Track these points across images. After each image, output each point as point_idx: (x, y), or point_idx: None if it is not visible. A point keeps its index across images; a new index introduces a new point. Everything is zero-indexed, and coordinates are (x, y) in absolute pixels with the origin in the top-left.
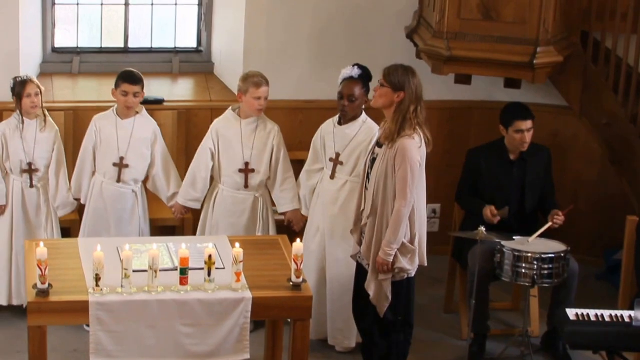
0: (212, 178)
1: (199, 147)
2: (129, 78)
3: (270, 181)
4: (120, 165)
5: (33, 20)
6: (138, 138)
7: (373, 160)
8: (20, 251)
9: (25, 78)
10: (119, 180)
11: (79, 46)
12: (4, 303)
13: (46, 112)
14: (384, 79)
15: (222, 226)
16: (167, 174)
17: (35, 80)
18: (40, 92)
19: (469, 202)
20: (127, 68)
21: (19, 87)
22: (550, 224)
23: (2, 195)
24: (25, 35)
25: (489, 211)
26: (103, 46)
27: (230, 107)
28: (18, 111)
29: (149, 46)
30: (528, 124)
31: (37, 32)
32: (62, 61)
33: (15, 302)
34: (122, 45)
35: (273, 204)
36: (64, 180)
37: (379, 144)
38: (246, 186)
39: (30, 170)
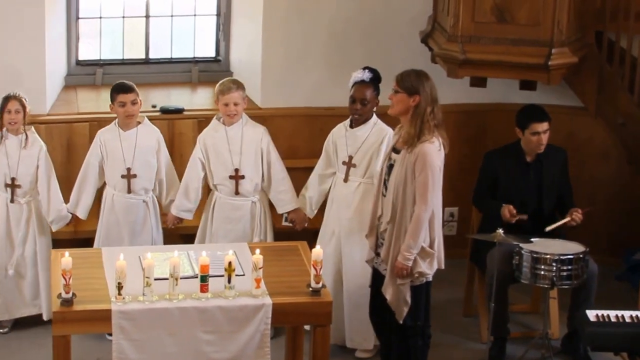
0: (208, 187)
1: (190, 158)
2: (122, 89)
3: (265, 184)
4: (128, 176)
5: (58, 35)
6: (142, 147)
7: (390, 167)
8: (1, 265)
9: (10, 95)
10: (129, 191)
11: (102, 58)
12: None
13: (32, 130)
14: (398, 85)
15: (220, 233)
16: (170, 181)
17: (22, 97)
18: (24, 110)
19: (486, 204)
20: (119, 81)
21: (2, 103)
22: (568, 218)
23: None
24: (51, 49)
25: (507, 210)
26: (125, 58)
27: (215, 116)
28: (1, 127)
29: (169, 57)
30: (544, 125)
31: (62, 46)
32: (86, 73)
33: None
34: (143, 56)
35: (270, 209)
36: (55, 194)
37: (395, 150)
38: (237, 192)
39: (13, 185)
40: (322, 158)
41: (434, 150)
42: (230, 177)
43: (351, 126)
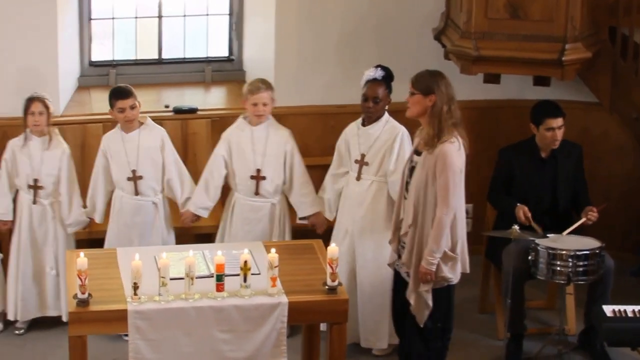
0: (229, 186)
1: (212, 155)
2: (120, 94)
3: (286, 187)
4: (134, 177)
5: (70, 36)
6: (146, 148)
7: (411, 169)
8: (27, 266)
9: (33, 96)
10: (137, 193)
11: (115, 59)
12: (12, 318)
13: (56, 131)
14: (413, 86)
15: (239, 234)
16: (181, 178)
17: (45, 99)
18: (48, 111)
19: (500, 201)
20: (116, 85)
21: (26, 104)
22: (584, 219)
23: (8, 211)
24: (63, 51)
25: (522, 212)
26: (138, 58)
27: (241, 115)
28: (25, 128)
29: (182, 56)
30: (559, 121)
31: (75, 47)
32: (99, 74)
33: (19, 318)
34: (156, 56)
35: (289, 211)
36: (77, 198)
37: (417, 152)
38: (257, 193)
39: (35, 186)
40: (334, 158)
41: (454, 151)
42: (252, 177)
43: (363, 124)
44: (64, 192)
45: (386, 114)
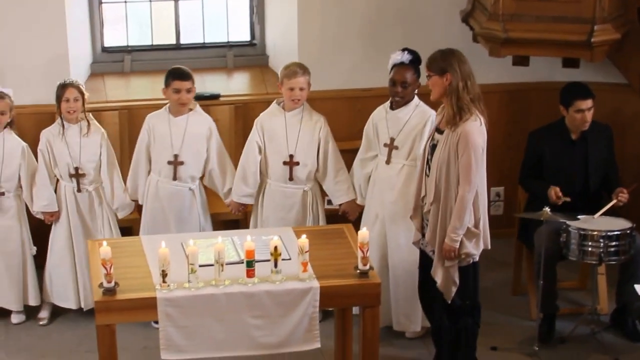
0: (261, 173)
1: (247, 142)
2: (180, 75)
3: (320, 174)
4: (175, 162)
5: (80, 21)
6: (192, 134)
7: (433, 147)
8: (82, 256)
9: (66, 82)
10: (175, 178)
11: (130, 44)
12: (73, 307)
13: (90, 117)
14: (428, 69)
15: (272, 221)
16: (223, 169)
17: (79, 84)
18: (83, 97)
19: (532, 184)
20: (176, 65)
21: (59, 91)
22: (614, 201)
23: (52, 202)
24: (73, 37)
25: (554, 192)
26: (154, 43)
27: (275, 100)
28: (59, 116)
29: (202, 41)
30: (588, 103)
31: (85, 33)
32: (113, 60)
33: (83, 306)
34: (173, 41)
35: (322, 197)
36: (119, 181)
37: (438, 130)
38: (291, 179)
39: (77, 174)
40: (363, 142)
41: (476, 129)
42: (285, 163)
43: (392, 108)
44: (105, 177)
45: (416, 98)
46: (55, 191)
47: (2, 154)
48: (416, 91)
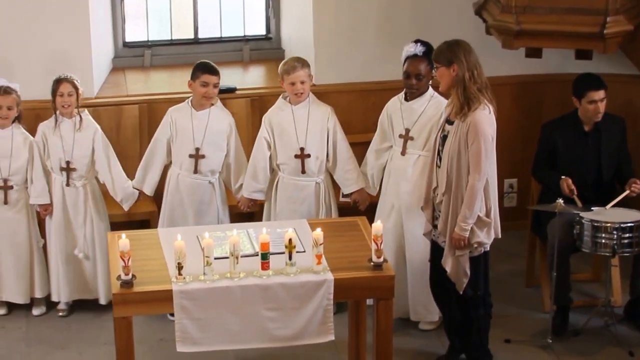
0: (271, 168)
1: (256, 139)
2: (209, 69)
3: (330, 164)
4: (197, 156)
5: (103, 17)
6: (214, 129)
7: (444, 138)
8: (61, 248)
9: (61, 77)
10: (195, 172)
11: (150, 39)
12: (56, 299)
13: (86, 112)
14: (435, 61)
15: (285, 214)
16: (239, 166)
17: (74, 79)
18: (77, 92)
19: (545, 176)
20: (202, 60)
21: (54, 85)
22: (627, 192)
23: (45, 193)
24: (96, 32)
25: (566, 184)
26: (173, 38)
27: (282, 95)
28: (54, 110)
29: (219, 36)
30: (601, 94)
31: (108, 29)
32: (134, 55)
33: (62, 299)
34: (192, 36)
35: (334, 189)
36: (118, 173)
37: (449, 121)
38: (303, 172)
39: (68, 168)
40: (377, 133)
41: (485, 118)
42: (296, 156)
43: (406, 99)
44: (103, 170)
45: (430, 89)
46: (49, 184)
47: (10, 148)
48: (430, 82)
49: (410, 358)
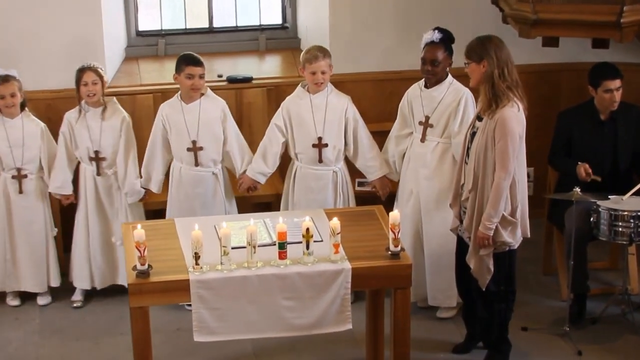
0: (289, 156)
1: (269, 124)
2: (192, 60)
3: (352, 153)
4: (195, 148)
5: (116, 6)
6: (207, 119)
7: (473, 134)
8: (96, 237)
9: (84, 66)
10: (196, 164)
11: (164, 28)
12: (88, 287)
13: (114, 100)
14: (466, 56)
15: (302, 203)
16: (241, 149)
17: (97, 67)
18: (102, 80)
19: (561, 163)
20: (187, 52)
21: (77, 74)
22: None
23: (66, 184)
24: (108, 21)
25: (583, 169)
26: (188, 27)
27: (300, 84)
28: (79, 100)
29: (234, 25)
30: (616, 83)
31: (120, 17)
32: (147, 44)
33: (97, 286)
34: (206, 25)
35: (351, 177)
36: (133, 167)
37: (479, 118)
38: (320, 161)
39: (97, 158)
40: (397, 120)
41: (514, 116)
42: (314, 145)
43: (426, 86)
44: (120, 160)
45: (449, 76)
46: (77, 174)
47: (22, 137)
48: (448, 69)
49: (427, 346)
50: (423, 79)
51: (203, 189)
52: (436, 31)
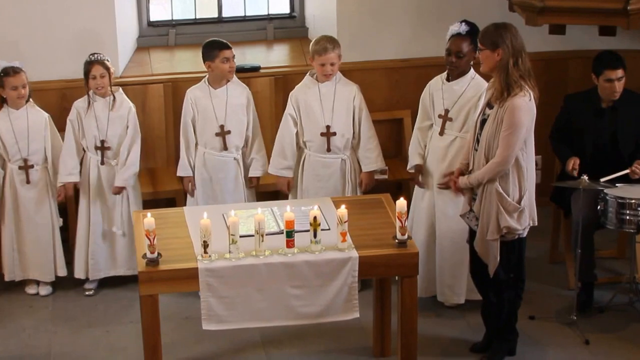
0: (298, 145)
1: (283, 116)
2: (224, 45)
3: (355, 142)
4: (223, 133)
5: None
6: (234, 104)
7: (483, 122)
8: (97, 226)
9: (92, 59)
10: (225, 148)
11: (174, 19)
12: (82, 277)
13: (120, 91)
14: (480, 42)
15: (311, 191)
16: (254, 138)
17: (104, 60)
18: (109, 73)
19: (558, 147)
20: (217, 38)
21: (86, 67)
22: (627, 170)
23: (75, 172)
24: (121, 12)
25: (571, 163)
26: (197, 17)
27: (309, 72)
28: (87, 91)
29: (243, 14)
30: (618, 73)
31: (132, 8)
32: (158, 34)
33: (90, 277)
34: (216, 15)
35: (359, 165)
36: (133, 162)
37: (489, 105)
38: (329, 149)
39: (102, 147)
40: (419, 111)
41: (524, 105)
42: (322, 134)
43: (448, 79)
44: (124, 147)
45: (472, 70)
46: (82, 163)
47: (27, 128)
48: (472, 63)
49: (435, 338)
50: (445, 72)
51: (225, 175)
52: (463, 23)
